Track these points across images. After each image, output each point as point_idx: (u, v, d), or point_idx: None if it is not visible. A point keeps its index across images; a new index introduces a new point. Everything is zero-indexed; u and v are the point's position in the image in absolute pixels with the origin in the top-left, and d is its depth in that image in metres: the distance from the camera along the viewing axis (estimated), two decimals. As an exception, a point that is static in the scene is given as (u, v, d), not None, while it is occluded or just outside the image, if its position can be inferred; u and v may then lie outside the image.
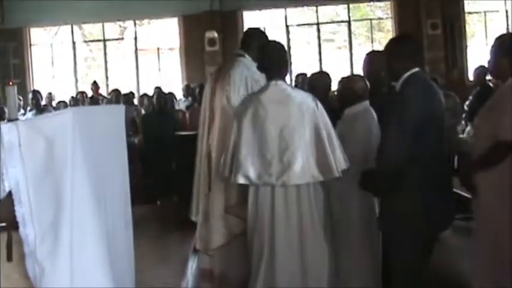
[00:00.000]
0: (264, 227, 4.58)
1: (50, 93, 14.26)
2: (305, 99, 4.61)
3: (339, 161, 4.51)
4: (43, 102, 13.08)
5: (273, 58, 4.71)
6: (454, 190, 4.67)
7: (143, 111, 12.27)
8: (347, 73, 7.41)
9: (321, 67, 17.12)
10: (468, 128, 8.49)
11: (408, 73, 4.36)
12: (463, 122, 9.47)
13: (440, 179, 4.39)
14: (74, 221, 2.58)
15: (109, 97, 13.53)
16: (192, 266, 6.01)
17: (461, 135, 8.64)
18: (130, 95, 13.28)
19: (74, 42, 17.98)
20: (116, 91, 13.32)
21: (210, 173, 5.10)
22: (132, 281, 3.26)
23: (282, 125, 4.52)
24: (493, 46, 4.47)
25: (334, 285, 4.71)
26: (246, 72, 5.00)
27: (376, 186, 4.41)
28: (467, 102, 9.78)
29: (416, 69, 4.40)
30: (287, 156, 4.48)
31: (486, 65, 4.54)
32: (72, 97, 13.92)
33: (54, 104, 13.62)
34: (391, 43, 4.62)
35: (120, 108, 3.46)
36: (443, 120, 4.46)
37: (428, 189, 4.29)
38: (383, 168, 4.30)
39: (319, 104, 4.61)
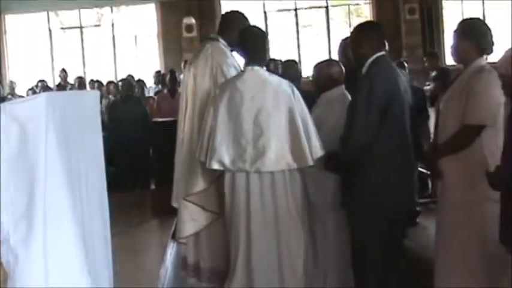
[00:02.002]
0: (240, 214, 4.55)
1: (11, 82, 14.10)
2: (281, 85, 4.57)
3: (314, 148, 4.47)
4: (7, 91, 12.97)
5: (251, 44, 4.66)
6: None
7: (111, 98, 12.15)
8: (325, 58, 7.35)
9: (299, 53, 17.11)
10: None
11: (373, 57, 4.49)
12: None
13: (404, 159, 4.47)
14: (48, 207, 2.55)
15: (74, 84, 13.35)
16: (171, 253, 5.99)
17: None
18: (100, 82, 13.17)
19: (50, 30, 17.82)
20: (80, 78, 13.20)
21: None
22: (109, 268, 3.22)
23: (257, 111, 4.48)
24: (455, 30, 4.52)
25: (312, 273, 4.70)
26: (216, 57, 4.91)
27: (341, 166, 4.49)
28: (427, 88, 9.81)
29: (381, 53, 4.52)
30: (261, 142, 4.45)
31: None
32: (36, 85, 13.67)
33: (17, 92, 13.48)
34: (356, 29, 4.73)
35: (95, 94, 3.42)
36: (406, 102, 4.55)
37: (391, 169, 4.39)
38: (350, 148, 4.40)
39: (296, 90, 4.57)
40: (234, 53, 5.00)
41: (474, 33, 4.42)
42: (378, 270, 4.47)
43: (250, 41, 4.66)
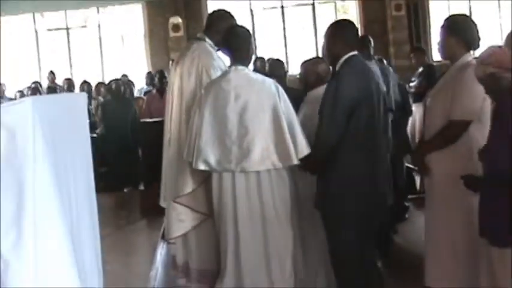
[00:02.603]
0: (228, 215, 4.56)
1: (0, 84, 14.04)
2: (265, 84, 4.57)
3: (299, 146, 4.47)
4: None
5: (236, 44, 4.66)
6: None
7: (101, 99, 12.13)
8: (312, 56, 7.40)
9: (286, 50, 17.12)
10: (414, 109, 8.54)
11: (345, 56, 4.48)
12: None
13: (374, 159, 4.47)
14: (37, 212, 2.53)
15: (62, 86, 13.30)
16: (161, 253, 5.99)
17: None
18: (89, 83, 13.12)
19: (36, 31, 17.75)
20: (69, 80, 13.15)
21: None
22: (98, 269, 3.22)
23: (242, 111, 4.48)
24: (442, 26, 4.55)
25: (302, 272, 4.71)
26: (203, 58, 4.89)
27: (312, 165, 4.50)
28: (412, 84, 9.83)
29: (354, 52, 4.51)
30: (246, 142, 4.45)
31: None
32: (28, 87, 13.66)
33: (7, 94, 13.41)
34: (330, 28, 4.70)
35: (82, 96, 3.41)
36: (378, 102, 4.52)
37: (361, 169, 4.39)
38: (318, 148, 4.41)
39: (281, 89, 4.57)
40: (220, 53, 5.00)
41: (460, 29, 4.44)
42: (353, 270, 4.47)
43: (235, 40, 4.66)
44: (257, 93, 4.51)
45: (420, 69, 10.05)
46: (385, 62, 9.30)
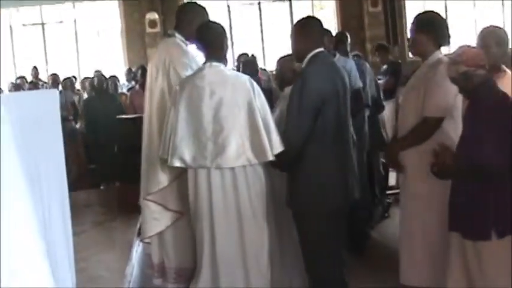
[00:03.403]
0: (203, 211, 4.54)
1: None
2: (240, 80, 4.55)
3: (274, 143, 4.47)
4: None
5: (210, 40, 4.62)
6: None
7: (85, 95, 12.08)
8: (289, 52, 7.33)
9: (263, 46, 17.11)
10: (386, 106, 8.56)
11: (311, 53, 4.49)
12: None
13: (342, 153, 4.50)
14: (6, 210, 2.51)
15: (47, 82, 13.26)
16: (137, 251, 5.96)
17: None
18: (72, 79, 13.05)
19: (10, 27, 17.60)
20: (54, 75, 13.07)
21: None
22: (71, 268, 3.19)
23: (217, 107, 4.47)
24: (412, 24, 4.57)
25: (277, 271, 4.71)
26: (170, 55, 4.84)
27: (282, 163, 4.51)
28: (381, 82, 9.85)
29: (320, 49, 4.54)
30: (221, 138, 4.44)
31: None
32: (12, 83, 13.61)
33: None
34: (296, 26, 4.71)
35: (54, 93, 3.37)
36: (345, 97, 4.55)
37: (327, 167, 4.42)
38: (287, 146, 4.41)
39: (256, 86, 4.56)
40: (193, 46, 4.93)
41: (430, 26, 4.47)
42: (323, 264, 4.51)
43: (209, 37, 4.61)
44: (232, 90, 4.49)
45: (385, 67, 10.10)
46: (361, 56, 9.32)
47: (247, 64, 7.03)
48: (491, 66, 4.13)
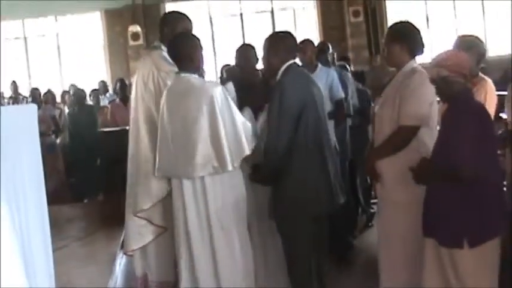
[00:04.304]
0: (179, 221, 4.56)
1: None
2: (204, 88, 4.53)
3: (236, 152, 4.48)
4: None
5: (178, 52, 4.62)
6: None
7: (66, 109, 12.03)
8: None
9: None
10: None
11: (284, 66, 4.61)
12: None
13: (322, 160, 4.58)
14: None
15: (28, 96, 13.15)
16: (120, 264, 5.94)
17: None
18: (53, 92, 12.97)
19: (-7, 40, 17.51)
20: (36, 90, 13.00)
21: None
22: (51, 283, 3.18)
23: (184, 117, 4.50)
24: (386, 35, 4.63)
25: (261, 278, 4.72)
26: (159, 65, 4.84)
27: (263, 177, 4.60)
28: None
29: (292, 61, 4.67)
30: (190, 148, 4.47)
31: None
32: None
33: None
34: (267, 40, 4.80)
35: (32, 108, 3.37)
36: (321, 104, 4.69)
37: (310, 172, 4.51)
38: (268, 159, 4.50)
39: (221, 92, 4.52)
40: None
41: (404, 37, 4.52)
42: (304, 270, 4.58)
43: (178, 49, 4.62)
44: (196, 99, 4.49)
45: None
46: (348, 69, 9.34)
47: (229, 71, 7.06)
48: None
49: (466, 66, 3.89)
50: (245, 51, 5.72)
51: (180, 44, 4.63)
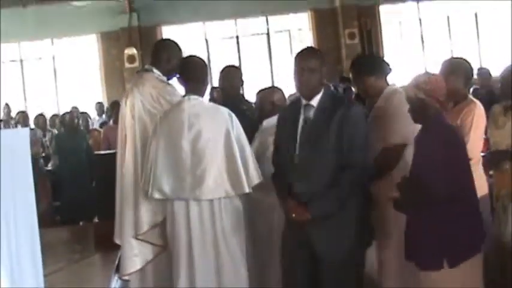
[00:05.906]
0: (181, 243, 4.53)
1: None
2: (218, 112, 4.58)
3: (251, 175, 4.48)
4: None
5: (191, 74, 4.65)
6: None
7: (55, 132, 11.98)
8: (268, 85, 7.40)
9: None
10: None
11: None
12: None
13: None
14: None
15: (17, 120, 13.06)
16: (115, 287, 5.90)
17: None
18: (44, 115, 12.95)
19: (-11, 64, 17.53)
20: (23, 113, 12.95)
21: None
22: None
23: (195, 140, 4.49)
24: (354, 73, 4.73)
25: None
26: (155, 85, 4.84)
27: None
28: None
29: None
30: (200, 170, 4.45)
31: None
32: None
33: None
34: (311, 58, 4.61)
35: (24, 132, 3.36)
36: None
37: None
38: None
39: (234, 117, 4.58)
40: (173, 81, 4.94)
41: (374, 67, 4.63)
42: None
43: (190, 70, 4.66)
44: (210, 122, 4.52)
45: None
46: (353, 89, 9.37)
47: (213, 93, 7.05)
48: (454, 94, 4.35)
49: (443, 94, 3.91)
50: (228, 73, 5.72)
51: (195, 66, 4.67)
